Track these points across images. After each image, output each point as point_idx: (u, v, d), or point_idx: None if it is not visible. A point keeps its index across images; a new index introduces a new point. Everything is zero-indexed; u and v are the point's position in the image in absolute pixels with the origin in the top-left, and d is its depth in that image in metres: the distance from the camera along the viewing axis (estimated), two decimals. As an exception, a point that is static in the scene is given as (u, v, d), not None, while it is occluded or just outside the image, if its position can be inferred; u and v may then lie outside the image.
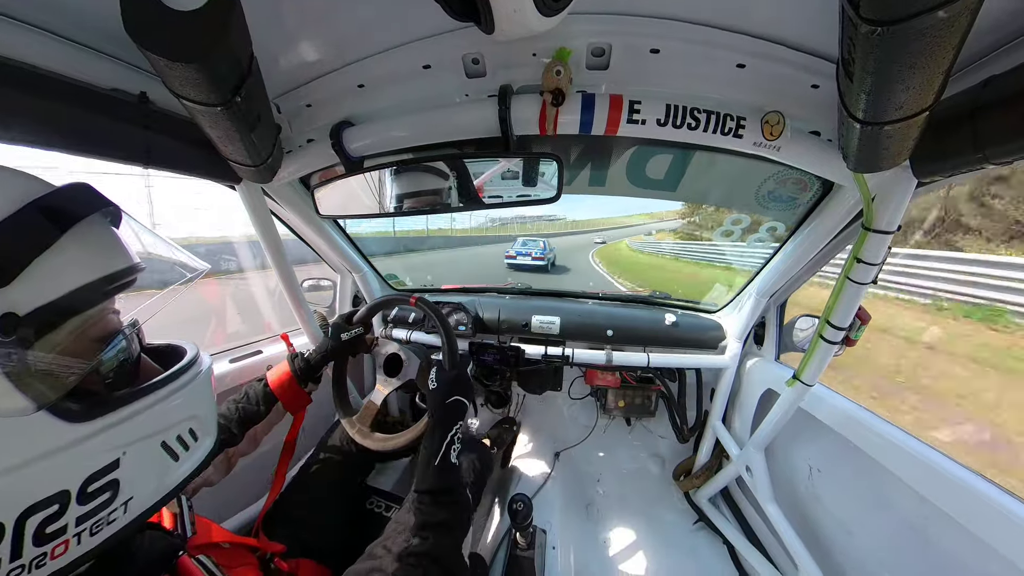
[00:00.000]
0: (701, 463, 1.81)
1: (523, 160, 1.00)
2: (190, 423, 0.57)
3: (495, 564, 1.34)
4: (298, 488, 1.22)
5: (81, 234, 0.47)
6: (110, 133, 0.72)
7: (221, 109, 0.63)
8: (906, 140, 0.59)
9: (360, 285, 1.93)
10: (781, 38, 0.76)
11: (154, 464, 0.52)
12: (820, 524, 1.34)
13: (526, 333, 1.82)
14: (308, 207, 1.32)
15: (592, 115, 0.85)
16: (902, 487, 1.02)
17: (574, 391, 2.16)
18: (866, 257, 0.87)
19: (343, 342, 1.23)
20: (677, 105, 0.84)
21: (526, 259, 14.11)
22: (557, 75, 0.80)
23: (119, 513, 0.47)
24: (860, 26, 0.45)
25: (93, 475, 0.44)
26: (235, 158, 0.83)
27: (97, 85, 0.71)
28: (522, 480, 1.89)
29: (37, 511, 0.40)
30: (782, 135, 0.83)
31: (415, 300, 1.27)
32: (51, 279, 0.44)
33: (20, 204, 0.43)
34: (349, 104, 1.00)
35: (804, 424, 1.36)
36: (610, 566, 1.60)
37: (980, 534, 0.85)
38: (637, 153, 1.33)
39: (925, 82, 0.47)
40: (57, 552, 0.42)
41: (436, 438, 0.86)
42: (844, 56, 0.53)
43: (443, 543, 0.73)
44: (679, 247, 17.99)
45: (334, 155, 1.01)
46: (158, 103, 0.79)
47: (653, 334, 1.74)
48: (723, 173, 1.32)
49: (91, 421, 0.45)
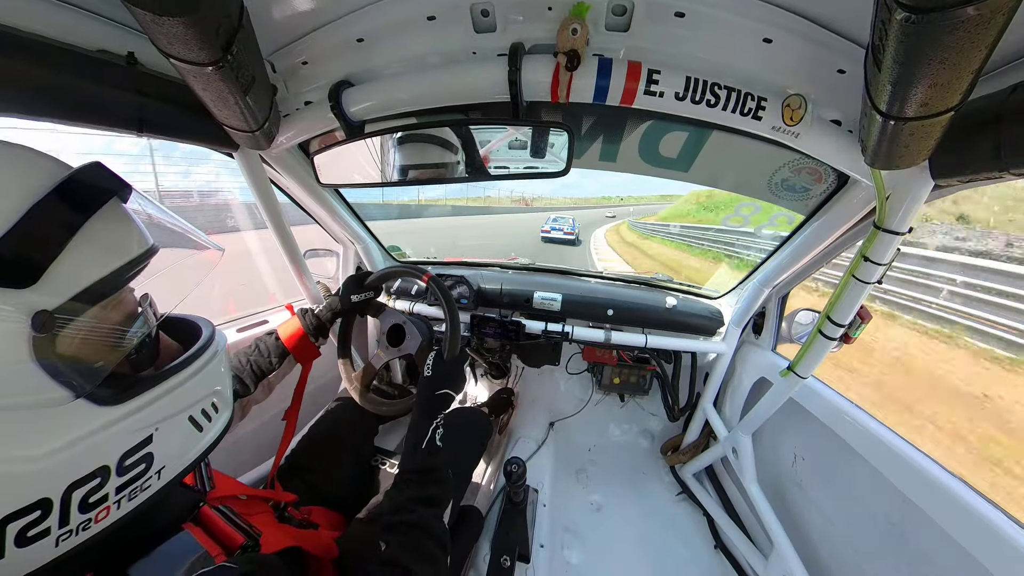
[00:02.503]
0: (689, 441, 1.86)
1: (532, 129, 0.94)
2: (212, 398, 0.61)
3: (490, 516, 1.44)
4: (309, 445, 1.30)
5: (103, 219, 0.47)
6: (100, 99, 0.69)
7: (212, 69, 0.60)
8: (928, 139, 0.55)
9: (363, 256, 1.92)
10: (812, 13, 0.70)
11: (183, 436, 0.56)
12: (799, 509, 1.38)
13: (527, 308, 1.83)
14: (308, 175, 1.29)
15: (608, 82, 0.79)
16: (884, 483, 1.03)
17: (571, 366, 2.20)
18: (874, 256, 0.85)
19: (353, 303, 1.27)
20: (698, 79, 0.79)
21: (559, 233, 16.48)
22: (573, 34, 0.74)
23: (153, 480, 0.52)
24: (895, 11, 0.41)
25: (129, 451, 0.48)
26: (230, 123, 0.79)
27: (82, 47, 0.67)
28: (518, 445, 1.97)
29: (81, 485, 0.43)
30: (802, 120, 0.79)
31: (428, 279, 1.26)
32: (78, 270, 0.44)
33: (43, 192, 0.42)
34: (348, 61, 0.93)
35: (793, 414, 1.38)
36: (595, 525, 1.69)
37: (958, 538, 0.86)
38: (651, 128, 1.27)
39: (954, 80, 0.43)
40: (100, 517, 0.46)
41: (422, 424, 0.92)
42: (875, 42, 0.49)
43: (429, 514, 0.80)
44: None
45: (333, 119, 0.95)
46: (148, 65, 0.74)
47: (652, 316, 1.74)
48: (737, 157, 1.25)
49: (123, 404, 0.48)
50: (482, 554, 1.30)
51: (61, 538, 0.42)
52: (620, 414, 2.25)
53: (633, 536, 1.66)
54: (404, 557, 0.70)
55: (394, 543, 0.73)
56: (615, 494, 1.86)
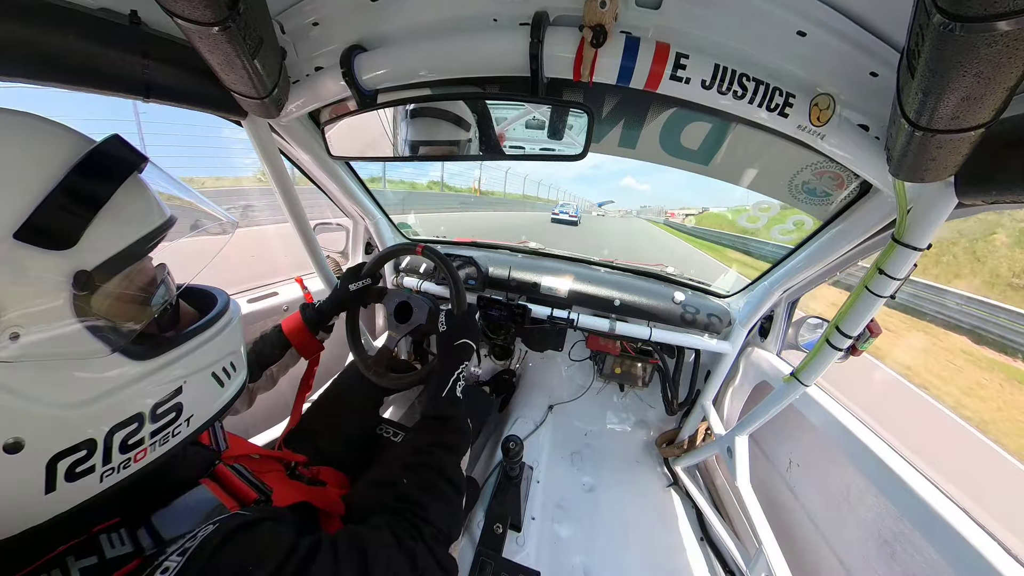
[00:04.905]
0: (684, 436, 1.87)
1: (551, 109, 0.91)
2: (231, 357, 0.66)
3: (486, 488, 1.50)
4: (317, 412, 1.35)
5: (128, 189, 0.50)
6: (104, 61, 0.68)
7: (218, 30, 0.58)
8: (955, 154, 0.52)
9: (372, 232, 1.92)
10: (851, 10, 0.66)
11: (208, 390, 0.62)
12: (790, 514, 1.39)
13: (534, 293, 1.83)
14: (319, 147, 1.27)
15: (634, 63, 0.75)
16: (879, 500, 1.03)
17: (574, 353, 2.21)
18: (889, 270, 0.81)
19: (352, 292, 1.30)
20: (726, 67, 0.75)
21: (565, 216, 21.43)
22: (602, 7, 0.70)
23: (183, 427, 0.58)
24: (933, 15, 0.38)
25: (161, 400, 0.54)
26: (238, 88, 0.77)
27: (83, 5, 0.65)
28: (516, 424, 2.01)
29: (120, 429, 0.49)
30: (829, 122, 0.75)
31: (421, 249, 1.27)
32: (110, 235, 0.48)
33: (73, 161, 0.45)
34: (361, 22, 0.89)
35: (792, 420, 1.37)
36: (585, 505, 1.74)
37: (950, 566, 0.85)
38: (674, 117, 1.22)
39: (987, 95, 0.40)
40: (139, 457, 0.52)
41: (445, 374, 0.96)
42: (910, 46, 0.46)
43: (446, 458, 0.83)
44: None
45: (345, 87, 0.92)
46: (152, 25, 0.73)
47: (659, 310, 1.72)
48: (759, 155, 1.20)
49: (154, 359, 0.53)
50: (476, 520, 1.37)
51: (105, 474, 0.48)
52: (619, 403, 2.27)
53: (622, 518, 1.70)
54: (418, 494, 0.74)
55: (410, 481, 0.77)
56: (607, 478, 1.89)
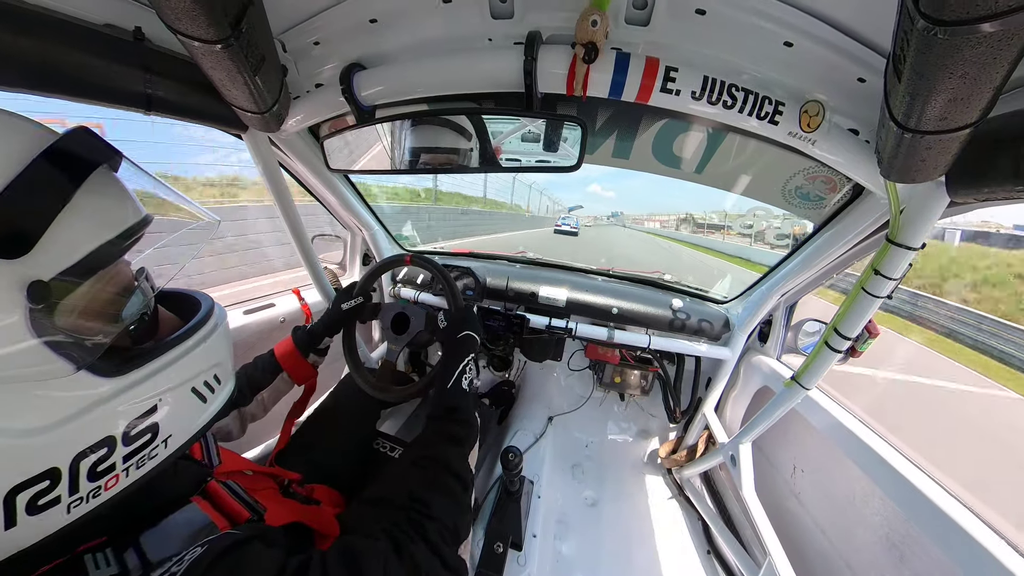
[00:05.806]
0: (687, 445, 1.85)
1: (545, 122, 0.94)
2: (214, 369, 0.61)
3: (486, 504, 1.46)
4: (312, 427, 1.30)
5: (93, 187, 0.45)
6: (107, 75, 0.68)
7: (221, 47, 0.59)
8: (945, 154, 0.53)
9: (370, 243, 1.92)
10: (835, 19, 0.68)
11: (187, 407, 0.57)
12: (797, 520, 1.37)
13: (532, 303, 1.83)
14: (318, 159, 1.28)
15: (625, 77, 0.77)
16: (885, 503, 1.02)
17: (574, 363, 2.19)
18: (885, 270, 0.83)
19: (345, 312, 1.27)
20: (715, 79, 0.77)
21: (567, 227, 24.14)
22: (593, 26, 0.72)
23: (160, 449, 0.52)
24: (917, 20, 0.40)
25: (134, 421, 0.48)
26: (239, 104, 0.79)
27: (88, 20, 0.66)
28: (516, 437, 1.98)
29: (88, 455, 0.44)
30: (819, 127, 0.77)
31: (410, 259, 1.27)
32: (71, 240, 0.43)
33: (31, 156, 0.40)
34: (360, 42, 0.92)
35: (795, 424, 1.37)
36: (588, 520, 1.70)
37: (959, 568, 0.83)
38: (666, 127, 1.25)
39: (974, 95, 0.42)
40: (110, 484, 0.47)
41: (450, 367, 0.93)
42: (896, 51, 0.48)
43: (452, 451, 0.80)
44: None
45: (344, 103, 0.94)
46: (155, 41, 0.74)
47: (657, 317, 1.72)
48: (752, 161, 1.23)
49: (125, 375, 0.48)
50: (476, 539, 1.33)
51: (72, 505, 0.43)
52: (620, 413, 2.25)
53: (626, 533, 1.66)
54: (422, 491, 0.70)
55: (414, 477, 0.74)
56: (610, 491, 1.86)
